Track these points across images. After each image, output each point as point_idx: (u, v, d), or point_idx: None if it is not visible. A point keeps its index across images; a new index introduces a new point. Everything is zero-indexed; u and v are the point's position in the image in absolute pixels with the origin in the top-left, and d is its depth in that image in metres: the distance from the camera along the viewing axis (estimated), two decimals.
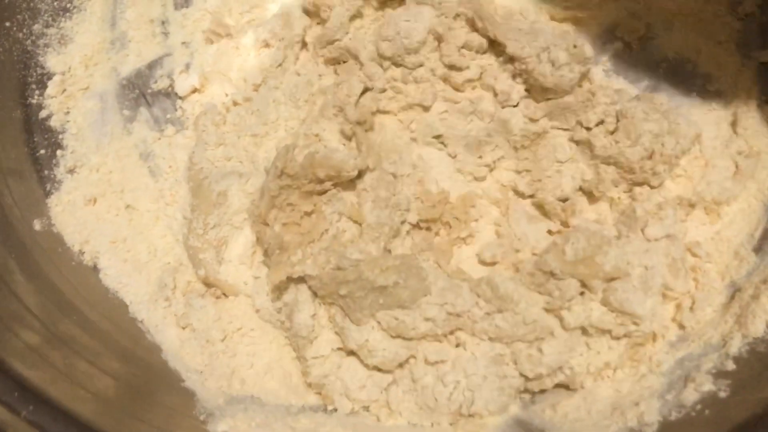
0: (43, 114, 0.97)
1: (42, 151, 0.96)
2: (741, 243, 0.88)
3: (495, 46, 0.92)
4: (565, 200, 0.91)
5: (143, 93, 1.01)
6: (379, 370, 0.83)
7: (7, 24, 0.97)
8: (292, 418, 0.78)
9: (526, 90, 0.91)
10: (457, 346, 0.82)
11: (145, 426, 0.73)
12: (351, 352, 0.84)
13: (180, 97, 1.00)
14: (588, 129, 0.91)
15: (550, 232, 0.90)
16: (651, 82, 0.98)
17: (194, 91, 1.00)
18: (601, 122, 0.90)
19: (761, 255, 0.86)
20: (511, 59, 0.90)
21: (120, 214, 0.93)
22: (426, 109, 0.91)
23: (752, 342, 0.76)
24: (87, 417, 0.69)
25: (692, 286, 0.86)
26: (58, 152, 0.96)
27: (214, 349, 0.83)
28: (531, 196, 0.92)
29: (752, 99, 0.96)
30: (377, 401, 0.81)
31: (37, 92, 0.98)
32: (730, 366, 0.75)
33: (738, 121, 0.95)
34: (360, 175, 0.85)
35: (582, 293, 0.80)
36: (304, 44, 0.98)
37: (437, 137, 0.92)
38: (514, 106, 0.91)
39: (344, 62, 0.94)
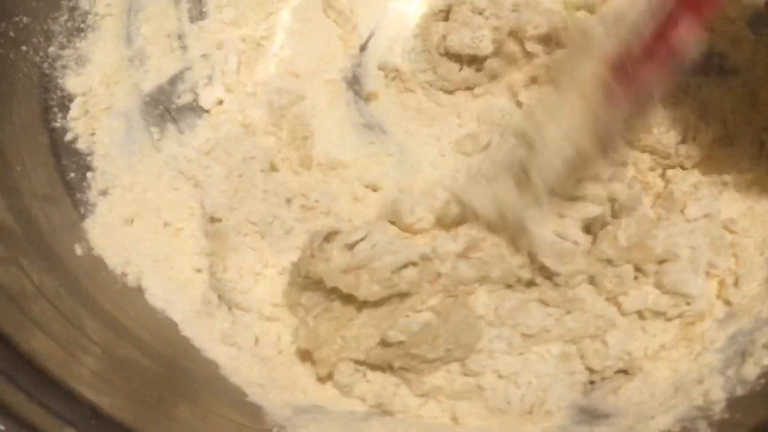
0: (68, 137, 0.96)
1: (72, 175, 0.94)
2: None
3: None
4: None
5: (168, 109, 1.00)
6: None
7: (24, 48, 0.96)
8: (364, 424, 0.78)
9: None
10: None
11: None
12: None
13: (206, 110, 0.99)
14: None
15: None
16: None
17: (220, 102, 0.99)
18: None
19: None
20: None
21: (159, 233, 0.92)
22: None
23: None
24: None
25: (733, 263, 0.88)
26: (88, 174, 0.95)
27: (271, 363, 0.83)
28: None
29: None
30: (442, 416, 0.82)
31: (60, 115, 0.96)
32: None
33: (758, 97, 0.97)
34: None
35: (636, 278, 0.81)
36: None
37: None
38: None
39: None
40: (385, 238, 0.78)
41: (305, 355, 0.82)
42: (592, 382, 0.82)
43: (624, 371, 0.82)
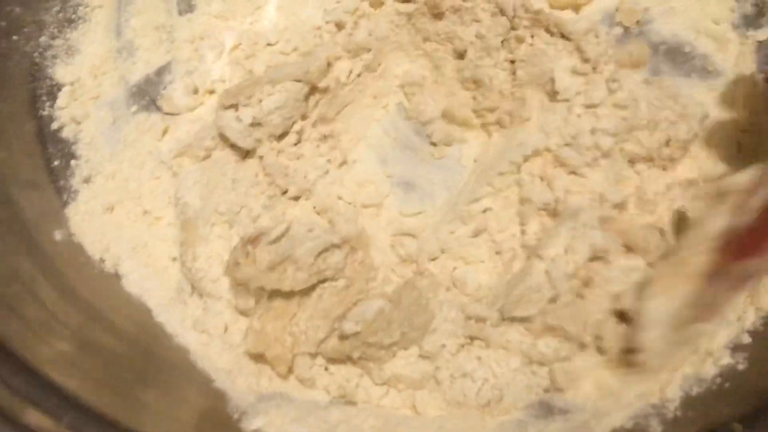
0: (55, 125, 0.98)
1: (56, 162, 0.97)
2: None
3: None
4: None
5: (153, 99, 1.02)
6: None
7: (15, 38, 0.98)
8: (324, 412, 0.79)
9: None
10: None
11: (178, 425, 0.75)
12: None
13: (191, 101, 1.01)
14: None
15: None
16: (652, 65, 1.00)
17: (207, 93, 1.00)
18: None
19: None
20: None
21: (138, 221, 0.94)
22: None
23: (765, 315, 0.78)
24: (125, 422, 0.70)
25: None
26: (73, 162, 0.97)
27: (240, 350, 0.84)
28: None
29: (752, 77, 0.98)
30: (402, 406, 0.83)
31: (47, 104, 0.99)
32: (746, 339, 0.77)
33: (739, 99, 0.97)
34: None
35: None
36: None
37: None
38: None
39: None
40: (304, 227, 0.80)
41: (259, 357, 0.83)
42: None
43: None
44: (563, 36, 0.92)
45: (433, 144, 0.95)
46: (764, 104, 0.97)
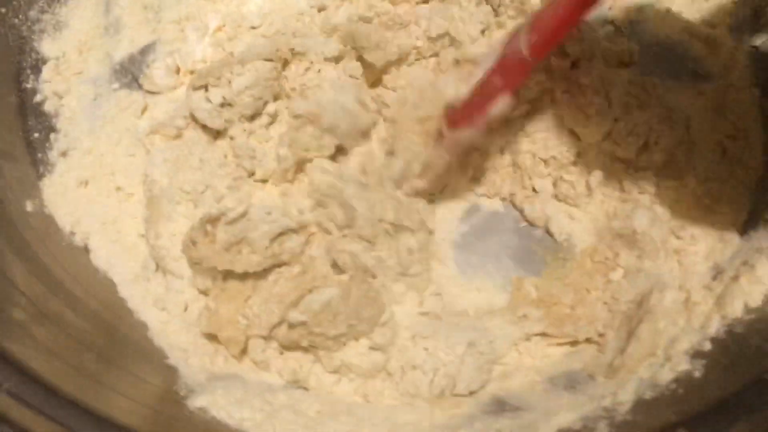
0: (37, 98, 0.99)
1: (36, 135, 0.97)
2: (724, 225, 0.88)
3: None
4: None
5: (136, 78, 1.02)
6: None
7: (3, 10, 0.99)
8: (271, 395, 0.79)
9: None
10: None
11: (125, 400, 0.75)
12: None
13: (173, 81, 1.01)
14: None
15: None
16: (642, 65, 0.98)
17: (189, 73, 1.00)
18: None
19: (745, 237, 0.86)
20: None
21: (111, 196, 0.95)
22: None
23: (730, 323, 0.76)
24: (68, 390, 0.70)
25: (675, 268, 0.87)
26: (52, 136, 0.98)
27: (197, 330, 0.84)
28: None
29: (743, 82, 0.96)
30: (354, 395, 0.82)
31: (32, 77, 1.00)
32: (707, 346, 0.75)
33: (727, 104, 0.95)
34: None
35: None
36: None
37: None
38: None
39: None
40: (262, 209, 0.79)
41: (214, 338, 0.83)
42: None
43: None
44: None
45: None
46: (753, 111, 0.95)
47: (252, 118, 0.89)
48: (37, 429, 0.67)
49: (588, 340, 0.84)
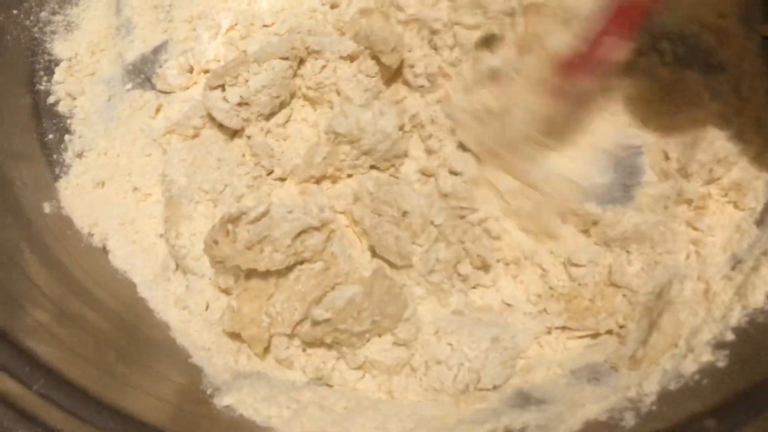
0: (51, 100, 0.99)
1: (50, 136, 0.98)
2: (743, 216, 0.88)
3: None
4: None
5: (148, 78, 1.02)
6: None
7: (15, 12, 0.99)
8: (297, 392, 0.79)
9: None
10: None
11: (152, 399, 0.75)
12: None
13: (186, 80, 1.01)
14: None
15: None
16: (654, 57, 0.98)
17: (202, 72, 1.00)
18: None
19: (762, 228, 0.86)
20: None
21: (128, 197, 0.95)
22: None
23: (751, 313, 0.76)
24: (94, 390, 0.71)
25: (693, 259, 0.87)
26: (66, 137, 0.98)
27: (219, 328, 0.84)
28: None
29: (755, 72, 0.96)
30: (378, 391, 0.82)
31: (45, 78, 1.00)
32: (729, 337, 0.75)
33: (741, 93, 0.95)
34: None
35: None
36: None
37: None
38: None
39: None
40: (284, 208, 0.79)
41: (236, 336, 0.83)
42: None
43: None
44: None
45: None
46: (766, 101, 0.95)
47: (269, 116, 0.89)
48: (66, 429, 0.68)
49: (608, 332, 0.84)
